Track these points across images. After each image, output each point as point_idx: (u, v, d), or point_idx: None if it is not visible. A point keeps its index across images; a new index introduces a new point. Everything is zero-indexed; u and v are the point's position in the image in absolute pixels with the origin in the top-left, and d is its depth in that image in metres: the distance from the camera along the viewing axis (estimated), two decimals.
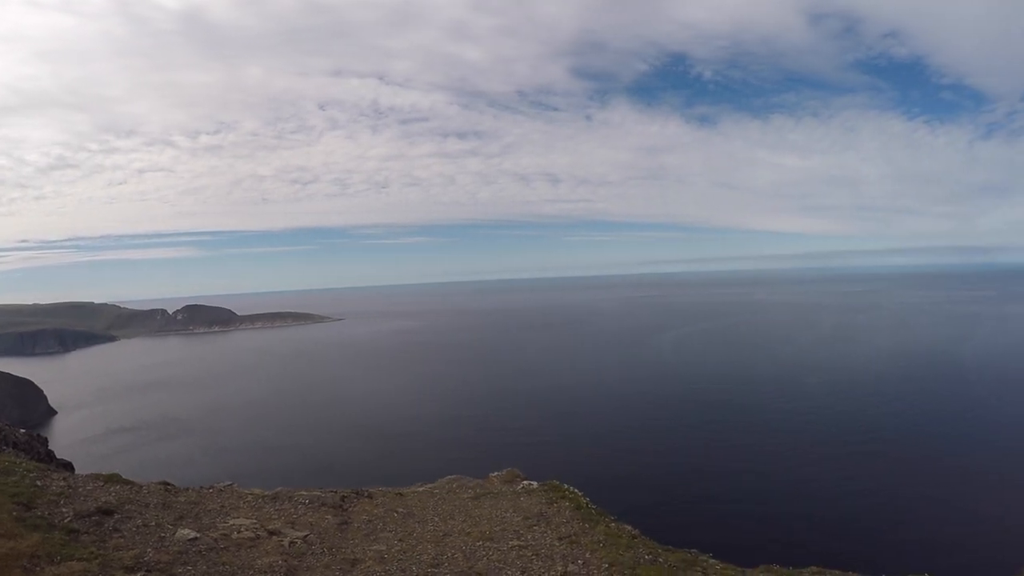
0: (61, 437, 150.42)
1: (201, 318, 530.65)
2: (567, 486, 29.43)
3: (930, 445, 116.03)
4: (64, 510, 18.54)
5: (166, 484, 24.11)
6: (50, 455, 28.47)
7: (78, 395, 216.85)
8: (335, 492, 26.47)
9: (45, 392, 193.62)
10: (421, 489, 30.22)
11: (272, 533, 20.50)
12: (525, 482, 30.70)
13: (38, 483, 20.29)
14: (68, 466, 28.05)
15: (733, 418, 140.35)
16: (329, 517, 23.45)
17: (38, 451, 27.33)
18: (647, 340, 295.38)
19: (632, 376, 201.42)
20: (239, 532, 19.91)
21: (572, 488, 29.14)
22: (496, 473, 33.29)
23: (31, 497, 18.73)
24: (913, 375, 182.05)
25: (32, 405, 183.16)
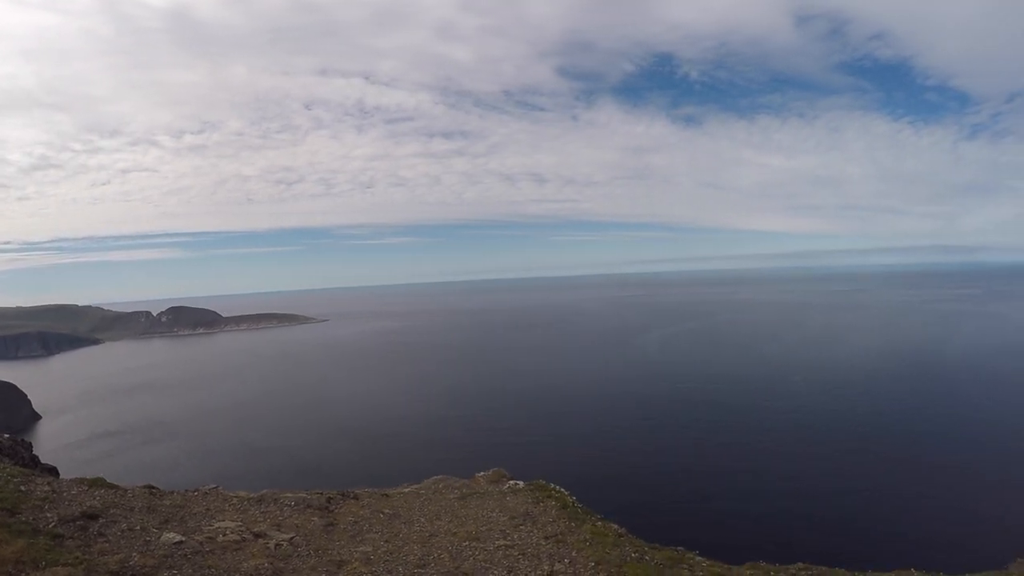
0: (45, 442, 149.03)
1: (186, 320, 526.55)
2: (553, 485, 29.68)
3: (916, 443, 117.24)
4: (49, 515, 18.45)
5: (151, 488, 24.05)
6: (34, 460, 28.27)
7: (62, 399, 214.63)
8: (321, 494, 26.53)
9: (29, 396, 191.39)
10: (407, 490, 30.34)
11: (258, 535, 20.53)
12: (511, 482, 30.90)
13: (22, 488, 20.17)
14: (53, 471, 27.90)
15: (719, 417, 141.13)
16: (315, 519, 23.51)
17: (22, 456, 27.14)
18: (633, 340, 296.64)
19: (618, 376, 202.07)
20: (225, 535, 19.92)
21: (558, 487, 29.40)
22: (482, 473, 33.49)
23: (15, 503, 18.63)
24: (899, 373, 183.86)
25: (16, 409, 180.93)
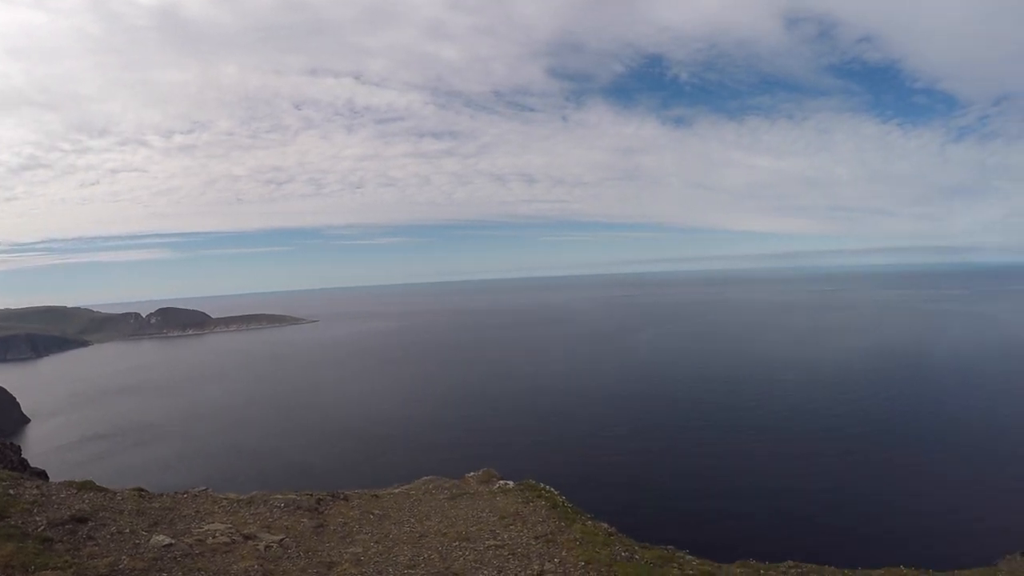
0: (34, 445, 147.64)
1: (175, 321, 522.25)
2: (543, 485, 29.82)
3: (905, 441, 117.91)
4: (38, 519, 18.43)
5: (140, 490, 24.02)
6: (23, 463, 28.21)
7: (51, 402, 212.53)
8: (311, 495, 26.56)
9: (18, 399, 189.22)
10: (397, 490, 30.39)
11: (247, 537, 20.56)
12: (501, 482, 31.03)
13: (11, 492, 20.13)
14: (42, 474, 27.84)
15: (709, 417, 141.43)
16: (305, 520, 23.56)
17: (11, 459, 27.08)
18: (622, 339, 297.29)
19: (608, 376, 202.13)
20: (214, 537, 19.94)
21: (548, 487, 29.53)
22: (472, 473, 33.58)
23: (4, 506, 18.60)
24: (888, 373, 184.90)
25: (4, 412, 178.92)
